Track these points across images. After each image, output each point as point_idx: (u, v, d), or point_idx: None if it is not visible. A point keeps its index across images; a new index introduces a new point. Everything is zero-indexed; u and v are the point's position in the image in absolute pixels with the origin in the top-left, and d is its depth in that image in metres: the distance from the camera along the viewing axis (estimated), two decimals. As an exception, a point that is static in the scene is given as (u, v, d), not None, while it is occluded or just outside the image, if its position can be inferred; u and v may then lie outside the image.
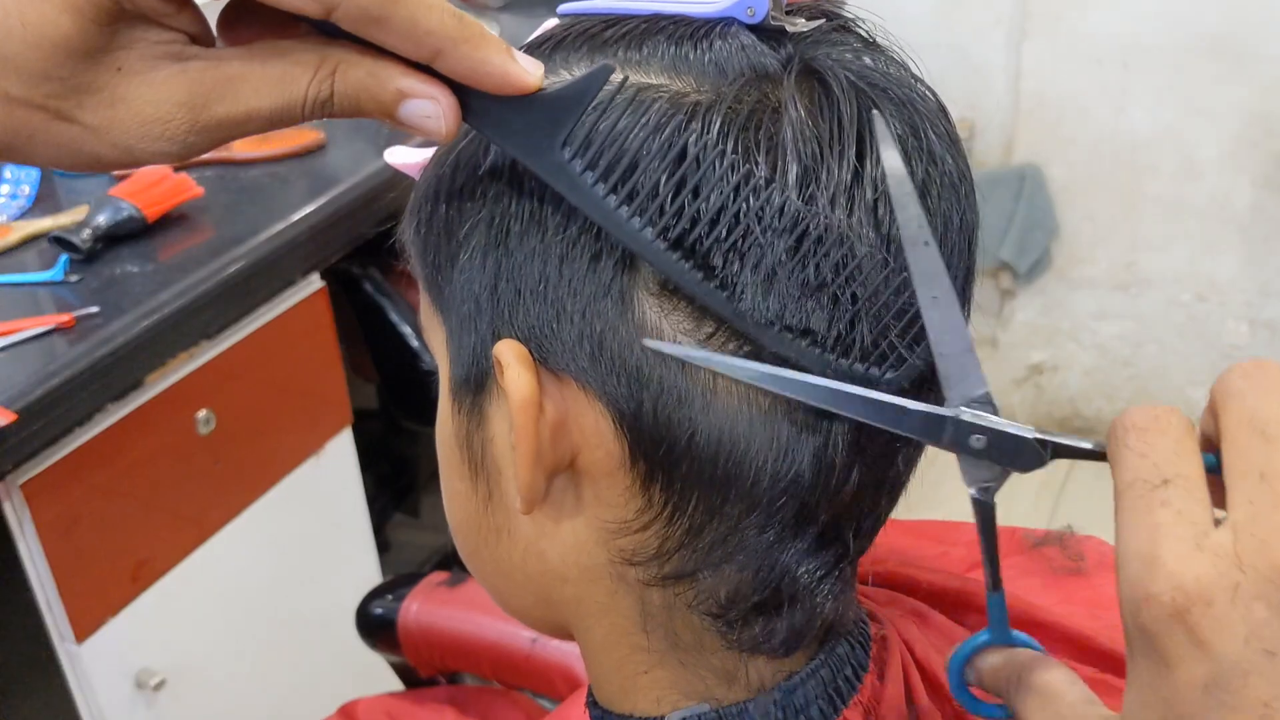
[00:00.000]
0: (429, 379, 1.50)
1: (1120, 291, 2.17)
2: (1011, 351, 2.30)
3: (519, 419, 0.40)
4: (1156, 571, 0.32)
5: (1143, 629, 0.33)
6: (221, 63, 0.37)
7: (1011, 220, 2.13)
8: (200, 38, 0.39)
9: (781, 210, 0.38)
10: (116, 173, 1.38)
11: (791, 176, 0.38)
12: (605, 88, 0.38)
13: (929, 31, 2.01)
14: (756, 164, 0.38)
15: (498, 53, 0.37)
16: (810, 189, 0.38)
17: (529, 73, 0.38)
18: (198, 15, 0.38)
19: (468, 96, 0.38)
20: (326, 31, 0.37)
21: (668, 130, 0.38)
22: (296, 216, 1.29)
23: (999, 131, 2.12)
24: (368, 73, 0.37)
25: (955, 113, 0.44)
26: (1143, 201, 2.08)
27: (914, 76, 0.42)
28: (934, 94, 0.43)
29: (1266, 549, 0.32)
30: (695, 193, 0.38)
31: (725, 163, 0.38)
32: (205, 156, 1.40)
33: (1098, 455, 0.37)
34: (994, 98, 2.10)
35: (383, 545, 1.58)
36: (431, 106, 0.37)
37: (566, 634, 0.49)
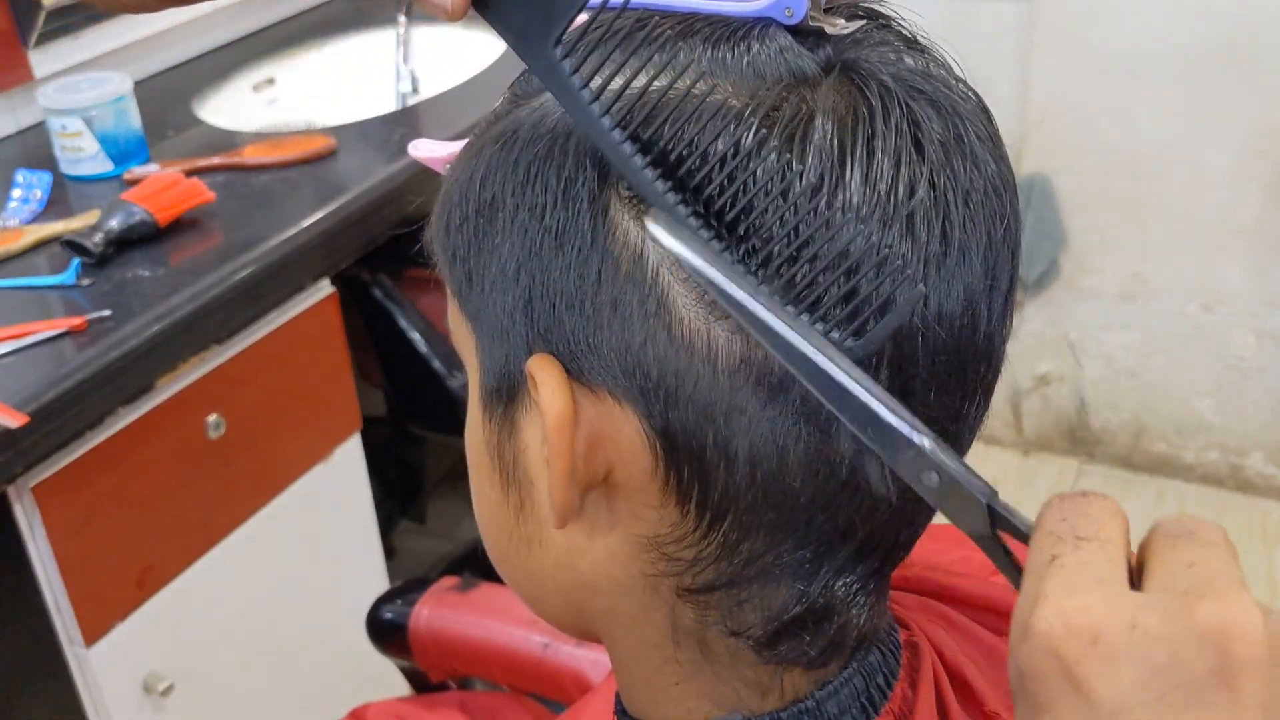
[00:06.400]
0: (438, 385, 1.51)
1: (1127, 302, 2.17)
2: (1018, 362, 2.30)
3: (554, 438, 0.40)
4: (1041, 605, 0.30)
5: (1019, 668, 0.31)
6: None
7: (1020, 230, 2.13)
8: None
9: (810, 213, 0.37)
10: (127, 177, 1.38)
11: (824, 185, 0.37)
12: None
13: (937, 40, 2.01)
14: (789, 167, 0.38)
15: None
16: (841, 197, 0.37)
17: None
18: None
19: None
20: None
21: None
22: (307, 222, 1.29)
23: (1007, 141, 2.11)
24: None
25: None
26: (1150, 212, 2.08)
27: (955, 76, 0.42)
28: (976, 94, 0.42)
29: (1186, 600, 0.29)
30: (704, 150, 0.38)
31: (748, 133, 0.38)
32: (216, 162, 1.40)
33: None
34: (1002, 108, 2.08)
35: (389, 551, 1.58)
36: None
37: (597, 640, 0.49)
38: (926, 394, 0.40)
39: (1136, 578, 0.32)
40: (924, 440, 0.36)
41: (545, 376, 0.40)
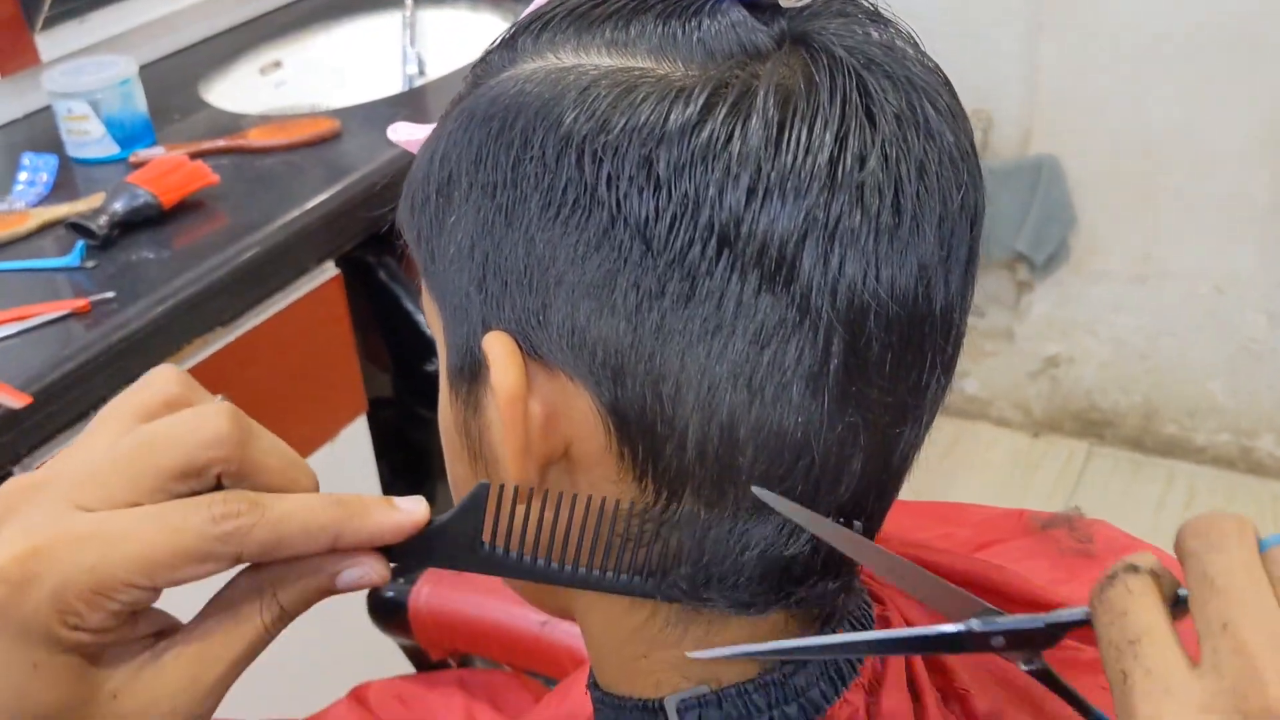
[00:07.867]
0: (443, 367, 1.51)
1: (1138, 284, 2.16)
2: (1027, 344, 2.29)
3: (505, 414, 0.40)
4: None
5: None
6: (188, 645, 0.41)
7: (1028, 212, 2.11)
8: (167, 628, 0.42)
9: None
10: (133, 160, 1.39)
11: (767, 170, 0.37)
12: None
13: (945, 22, 2.00)
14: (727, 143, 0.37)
15: (380, 511, 0.42)
16: (788, 180, 0.37)
17: (414, 510, 0.42)
18: (154, 616, 0.42)
19: (386, 549, 0.42)
20: None
21: None
22: (311, 204, 1.29)
23: (1016, 123, 2.11)
24: (299, 576, 0.41)
25: (972, 104, 0.43)
26: (1161, 194, 2.07)
27: (918, 50, 0.42)
28: (937, 68, 0.42)
29: (1234, 695, 0.33)
30: None
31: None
32: (221, 144, 1.41)
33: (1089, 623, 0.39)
34: (1011, 89, 2.08)
35: (396, 533, 1.58)
36: (359, 570, 0.42)
37: (570, 616, 0.49)
38: (882, 368, 0.40)
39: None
40: (969, 625, 0.41)
41: (497, 353, 0.40)
